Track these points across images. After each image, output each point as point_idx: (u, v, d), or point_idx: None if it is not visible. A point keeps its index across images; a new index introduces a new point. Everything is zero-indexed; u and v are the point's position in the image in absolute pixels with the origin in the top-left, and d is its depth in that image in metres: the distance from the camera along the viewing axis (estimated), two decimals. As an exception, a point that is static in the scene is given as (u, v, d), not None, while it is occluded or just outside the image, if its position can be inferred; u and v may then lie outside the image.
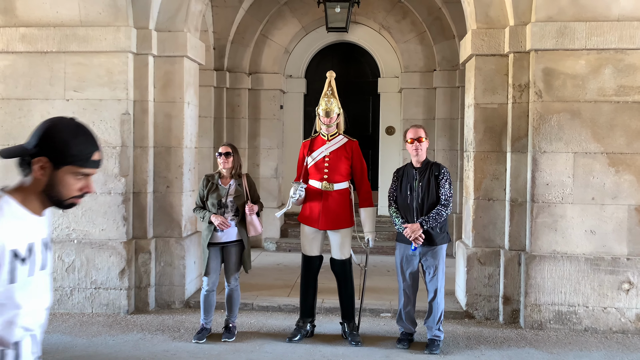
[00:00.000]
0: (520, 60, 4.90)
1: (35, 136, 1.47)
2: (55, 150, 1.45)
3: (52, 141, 1.45)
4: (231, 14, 7.90)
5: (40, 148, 1.44)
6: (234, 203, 4.36)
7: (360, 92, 9.15)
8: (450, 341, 4.43)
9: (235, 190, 4.39)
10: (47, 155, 1.45)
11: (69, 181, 1.47)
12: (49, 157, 1.45)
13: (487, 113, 5.04)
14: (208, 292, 4.39)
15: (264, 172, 8.48)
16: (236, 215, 4.38)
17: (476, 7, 5.05)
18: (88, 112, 5.12)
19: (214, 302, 4.47)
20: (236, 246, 4.40)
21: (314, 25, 8.71)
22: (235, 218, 4.38)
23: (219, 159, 4.39)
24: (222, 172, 4.44)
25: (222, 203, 4.35)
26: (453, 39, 7.75)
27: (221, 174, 4.44)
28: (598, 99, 4.74)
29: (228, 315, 4.48)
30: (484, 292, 5.04)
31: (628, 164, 4.71)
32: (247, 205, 4.35)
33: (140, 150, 5.24)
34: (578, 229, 4.75)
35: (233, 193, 4.38)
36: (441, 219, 4.11)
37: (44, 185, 1.47)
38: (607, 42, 4.68)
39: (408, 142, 4.22)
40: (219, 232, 4.35)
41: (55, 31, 5.09)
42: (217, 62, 7.99)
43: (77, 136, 1.48)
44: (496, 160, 5.03)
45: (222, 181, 4.43)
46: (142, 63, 5.20)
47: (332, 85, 4.49)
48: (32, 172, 1.46)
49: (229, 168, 4.39)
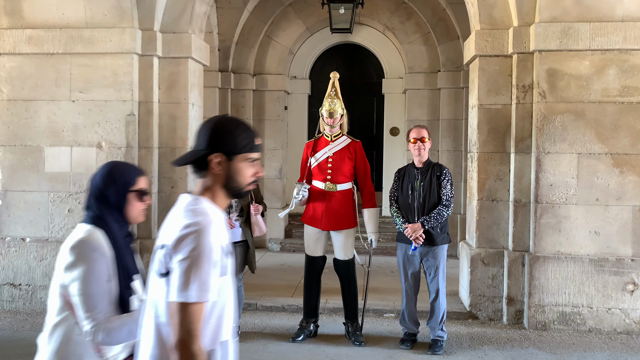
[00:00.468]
0: (524, 61, 4.89)
1: (203, 137, 1.56)
2: (226, 143, 1.55)
3: (221, 136, 1.55)
4: (236, 15, 7.93)
5: (212, 146, 1.54)
6: (239, 203, 4.38)
7: (365, 93, 9.15)
8: (453, 342, 4.43)
9: None
10: (221, 151, 1.54)
11: (244, 169, 1.58)
12: (223, 152, 1.54)
13: (490, 114, 5.04)
14: None
15: (268, 172, 8.50)
16: (240, 215, 4.40)
17: (480, 8, 5.05)
18: (93, 113, 5.16)
19: None
20: (241, 246, 4.41)
21: (318, 26, 8.72)
22: (240, 218, 4.39)
23: None
24: None
25: None
26: (457, 39, 7.75)
27: None
28: (602, 99, 4.73)
29: None
30: (487, 293, 5.03)
31: (633, 164, 4.70)
32: (252, 205, 4.36)
33: (145, 151, 5.27)
34: (582, 230, 4.73)
35: None
36: (442, 219, 4.12)
37: (224, 179, 1.57)
38: (612, 42, 4.67)
39: (411, 142, 4.23)
40: None
41: (61, 33, 5.13)
42: (222, 63, 8.02)
43: (238, 126, 1.59)
44: (500, 161, 5.03)
45: None
46: (147, 64, 5.24)
47: (336, 86, 4.51)
48: (210, 170, 1.56)
49: None
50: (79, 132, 5.18)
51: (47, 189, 5.20)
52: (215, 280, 1.46)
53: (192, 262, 1.42)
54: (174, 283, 1.43)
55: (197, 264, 1.41)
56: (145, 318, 1.58)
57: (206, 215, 1.50)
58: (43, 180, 5.20)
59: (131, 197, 1.88)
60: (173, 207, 1.63)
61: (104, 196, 1.85)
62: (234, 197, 1.62)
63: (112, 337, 1.73)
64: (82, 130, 5.18)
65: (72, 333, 1.77)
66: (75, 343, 1.76)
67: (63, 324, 1.79)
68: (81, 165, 5.17)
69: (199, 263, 1.42)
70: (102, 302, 1.74)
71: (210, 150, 1.54)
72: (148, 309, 1.57)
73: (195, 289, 1.41)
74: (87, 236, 1.78)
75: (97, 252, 1.75)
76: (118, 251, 1.82)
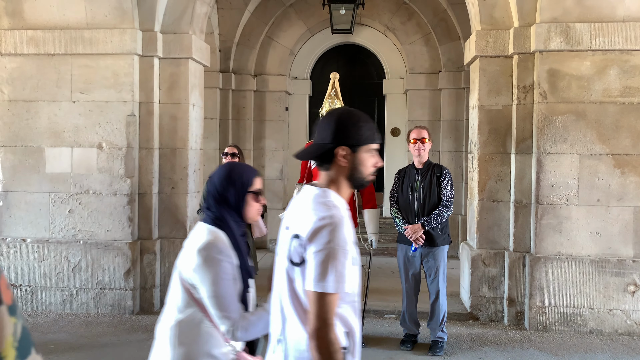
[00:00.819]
0: (525, 62, 4.89)
1: (327, 131, 1.61)
2: (351, 136, 1.60)
3: (345, 129, 1.60)
4: (237, 16, 7.94)
5: (338, 139, 1.59)
6: None
7: (366, 93, 9.16)
8: (454, 343, 4.42)
9: None
10: (346, 144, 1.59)
11: (367, 160, 1.63)
12: (348, 144, 1.59)
13: (491, 114, 5.03)
14: None
15: (269, 173, 8.51)
16: None
17: (480, 9, 5.04)
18: (94, 113, 5.17)
19: None
20: None
21: (319, 27, 8.73)
22: None
23: (225, 159, 4.46)
24: None
25: None
26: (458, 40, 7.74)
27: None
28: (603, 100, 4.72)
29: None
30: (488, 294, 5.02)
31: (634, 165, 4.68)
32: None
33: (146, 151, 5.27)
34: (583, 231, 4.72)
35: None
36: (442, 219, 4.11)
37: (349, 171, 1.62)
38: (613, 43, 4.66)
39: (411, 143, 4.23)
40: None
41: (62, 34, 5.14)
42: (223, 64, 8.03)
43: (360, 119, 1.63)
44: (501, 162, 5.02)
45: None
46: (148, 65, 5.24)
47: (336, 87, 4.51)
48: (335, 163, 1.61)
49: None
50: (80, 132, 5.19)
51: (47, 190, 5.20)
52: (350, 271, 1.52)
53: (328, 254, 1.48)
54: (311, 273, 1.50)
55: (333, 256, 1.48)
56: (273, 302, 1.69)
57: (338, 209, 1.56)
58: (44, 181, 5.20)
59: (249, 197, 1.94)
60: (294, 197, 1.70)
61: (223, 198, 1.91)
62: (356, 188, 1.68)
63: (249, 333, 1.82)
64: (82, 131, 5.18)
65: (199, 328, 1.83)
66: (203, 337, 1.83)
67: (189, 319, 1.84)
68: (82, 166, 5.18)
69: (335, 255, 1.48)
70: (233, 301, 1.82)
71: (335, 143, 1.59)
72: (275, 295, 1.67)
73: (332, 280, 1.47)
74: (214, 238, 1.85)
75: (223, 254, 1.82)
76: (239, 251, 1.90)
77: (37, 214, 5.21)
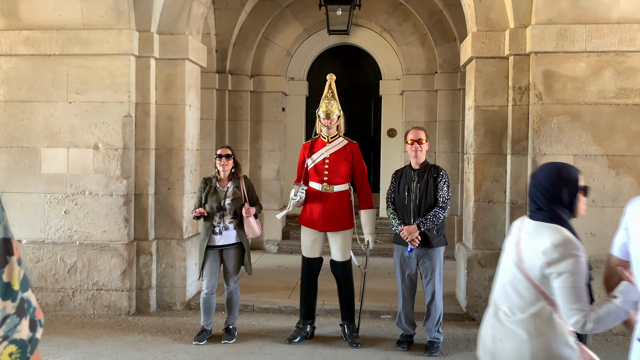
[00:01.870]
0: (521, 63, 4.90)
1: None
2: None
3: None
4: (233, 16, 7.94)
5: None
6: (232, 206, 4.39)
7: (362, 94, 9.17)
8: (450, 343, 4.43)
9: (233, 192, 4.40)
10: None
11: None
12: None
13: (487, 115, 5.05)
14: (207, 295, 4.41)
15: (266, 174, 8.51)
16: (235, 217, 4.40)
17: (476, 10, 5.06)
18: (90, 114, 5.16)
19: (214, 304, 4.49)
20: (235, 249, 4.42)
21: (315, 27, 8.74)
22: (234, 221, 4.40)
23: (218, 161, 4.42)
24: (220, 175, 4.44)
25: (220, 206, 4.37)
26: (454, 41, 7.77)
27: (218, 177, 4.46)
28: (598, 101, 4.74)
29: (228, 317, 4.50)
30: (484, 294, 5.03)
31: (628, 166, 4.71)
32: (244, 207, 4.36)
33: (142, 152, 5.27)
34: (578, 232, 4.70)
35: (231, 195, 4.39)
36: (438, 221, 4.12)
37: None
38: (607, 44, 4.68)
39: (408, 144, 4.24)
40: (216, 235, 4.37)
41: (58, 34, 5.13)
42: (220, 64, 8.03)
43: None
44: (496, 163, 5.04)
45: (220, 184, 4.44)
46: (144, 66, 5.24)
47: (333, 88, 4.51)
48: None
49: (228, 170, 4.42)
50: (76, 133, 5.18)
51: (43, 191, 5.19)
52: None
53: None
54: None
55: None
56: None
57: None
58: (39, 182, 5.19)
59: (579, 194, 2.07)
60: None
61: (556, 197, 2.04)
62: None
63: (600, 325, 1.90)
64: (78, 132, 5.18)
65: (552, 320, 1.97)
66: (558, 328, 1.97)
67: (541, 311, 1.98)
68: (78, 166, 5.17)
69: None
70: (585, 294, 1.92)
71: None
72: None
73: None
74: (566, 235, 1.97)
75: (579, 249, 1.94)
76: None
77: (33, 214, 5.20)
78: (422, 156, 4.23)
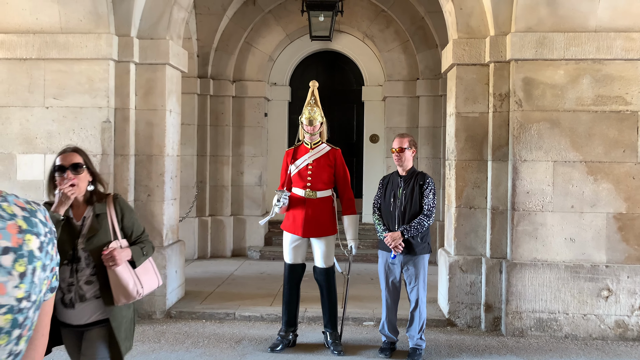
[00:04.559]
0: (501, 70, 4.96)
1: None
2: None
3: None
4: (215, 21, 7.89)
5: None
6: (87, 251, 2.47)
7: (345, 100, 9.19)
8: (432, 350, 4.43)
9: (89, 228, 2.51)
10: None
11: None
12: None
13: (468, 122, 5.08)
14: None
15: (248, 180, 8.45)
16: (95, 274, 2.48)
17: (457, 17, 5.11)
18: (68, 120, 5.07)
19: None
20: (100, 329, 2.50)
21: (298, 33, 8.74)
22: (93, 278, 2.48)
23: (59, 178, 2.51)
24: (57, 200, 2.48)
25: (74, 254, 2.46)
26: (436, 48, 7.83)
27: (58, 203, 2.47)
28: (577, 108, 4.81)
29: None
30: (465, 300, 5.06)
31: (606, 172, 4.78)
32: (104, 251, 2.45)
33: (121, 158, 5.18)
34: (558, 237, 4.80)
35: (86, 233, 2.50)
36: (422, 228, 4.13)
37: None
38: (585, 52, 4.76)
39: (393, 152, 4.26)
40: (68, 309, 2.45)
41: (35, 38, 5.03)
42: (201, 69, 7.97)
43: None
44: (477, 169, 5.07)
45: (74, 212, 2.55)
46: (124, 70, 5.16)
47: (315, 95, 4.51)
48: None
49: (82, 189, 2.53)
50: (53, 139, 5.07)
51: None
52: None
53: None
54: None
55: None
56: None
57: None
58: (15, 189, 5.07)
59: None
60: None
61: None
62: None
63: None
64: (56, 138, 5.07)
65: None
66: None
67: None
68: (55, 172, 5.05)
69: None
70: None
71: None
72: None
73: None
74: None
75: None
76: None
77: (8, 222, 5.06)
78: (408, 164, 4.24)
